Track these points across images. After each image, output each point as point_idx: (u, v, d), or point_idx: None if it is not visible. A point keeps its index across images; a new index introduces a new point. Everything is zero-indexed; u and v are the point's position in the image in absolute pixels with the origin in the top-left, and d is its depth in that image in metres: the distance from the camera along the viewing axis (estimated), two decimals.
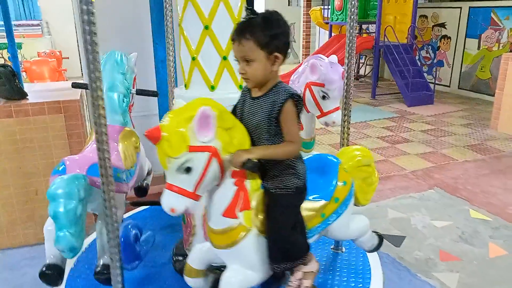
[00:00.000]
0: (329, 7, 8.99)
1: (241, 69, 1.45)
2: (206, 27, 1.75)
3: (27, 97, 2.68)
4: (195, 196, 1.35)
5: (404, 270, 2.58)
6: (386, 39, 7.55)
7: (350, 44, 1.95)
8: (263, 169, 1.50)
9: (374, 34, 8.80)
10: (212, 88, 1.85)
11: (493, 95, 7.28)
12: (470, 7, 7.70)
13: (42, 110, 2.60)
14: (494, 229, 3.12)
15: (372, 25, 9.02)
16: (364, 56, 9.58)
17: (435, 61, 8.45)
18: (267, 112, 1.44)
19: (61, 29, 9.74)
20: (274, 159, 1.48)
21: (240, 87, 1.90)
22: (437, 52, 8.52)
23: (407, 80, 7.02)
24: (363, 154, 1.87)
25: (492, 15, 7.31)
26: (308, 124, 2.35)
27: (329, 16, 9.12)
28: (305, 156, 1.75)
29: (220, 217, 1.46)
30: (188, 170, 1.30)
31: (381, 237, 2.04)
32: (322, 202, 1.66)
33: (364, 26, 9.34)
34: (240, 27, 1.43)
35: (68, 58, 8.16)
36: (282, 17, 1.47)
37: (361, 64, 9.72)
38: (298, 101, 1.44)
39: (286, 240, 1.50)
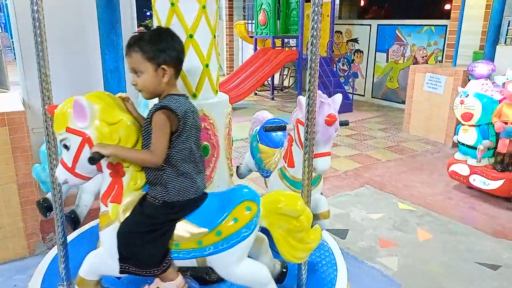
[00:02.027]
0: (253, 21, 9.38)
1: (133, 80, 1.54)
2: (191, 36, 1.82)
3: None
4: (74, 172, 1.52)
5: (352, 258, 2.86)
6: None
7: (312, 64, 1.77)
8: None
9: (295, 47, 9.39)
10: (194, 96, 1.91)
11: (401, 103, 8.22)
12: (378, 25, 8.60)
13: None
14: (419, 217, 3.57)
15: (293, 39, 9.60)
16: (287, 69, 10.11)
17: (350, 72, 9.23)
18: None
19: None
20: (149, 167, 1.53)
21: (216, 92, 2.00)
22: (351, 64, 9.33)
23: (329, 89, 7.60)
24: (287, 203, 1.55)
25: (397, 32, 8.25)
26: (301, 161, 1.96)
27: (253, 30, 9.51)
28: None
29: (100, 199, 1.63)
30: (66, 147, 1.50)
31: None
32: (202, 229, 1.52)
33: (285, 40, 9.88)
34: (130, 41, 1.53)
35: None
36: (174, 33, 1.59)
37: (284, 76, 10.24)
38: (169, 113, 1.45)
39: (130, 243, 1.51)
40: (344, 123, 2.20)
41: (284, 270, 1.78)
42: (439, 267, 2.81)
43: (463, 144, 3.95)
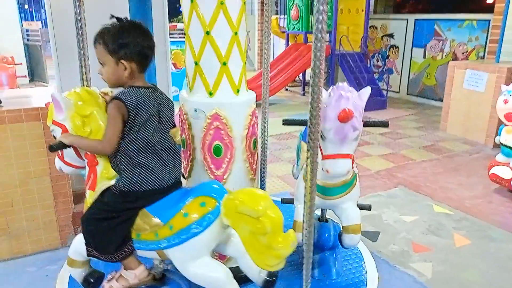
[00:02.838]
0: (285, 16, 9.27)
1: (99, 70, 1.63)
2: (207, 33, 1.79)
3: (1, 104, 2.56)
4: (64, 161, 1.77)
5: (384, 262, 2.75)
6: (341, 48, 7.92)
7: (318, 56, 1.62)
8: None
9: (327, 43, 9.18)
10: (210, 94, 1.89)
11: (439, 100, 7.89)
12: (415, 20, 8.28)
13: (19, 118, 2.49)
14: (456, 221, 3.40)
15: (325, 34, 9.38)
16: None
17: (385, 68, 8.96)
18: None
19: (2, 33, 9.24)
20: (112, 157, 1.62)
21: (238, 91, 1.95)
22: (386, 60, 9.05)
23: (362, 86, 7.36)
24: (246, 201, 1.42)
25: (435, 27, 7.91)
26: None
27: (285, 25, 9.40)
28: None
29: None
30: (54, 138, 1.71)
31: None
32: (158, 221, 1.52)
33: None
34: (97, 32, 1.59)
35: (21, 64, 7.75)
36: (142, 29, 1.60)
37: None
38: (120, 103, 1.50)
39: (88, 228, 1.59)
40: (382, 124, 2.06)
41: (269, 278, 1.57)
42: (477, 276, 2.66)
43: (506, 145, 3.72)
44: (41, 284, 2.46)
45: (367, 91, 1.68)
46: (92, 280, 1.76)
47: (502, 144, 3.78)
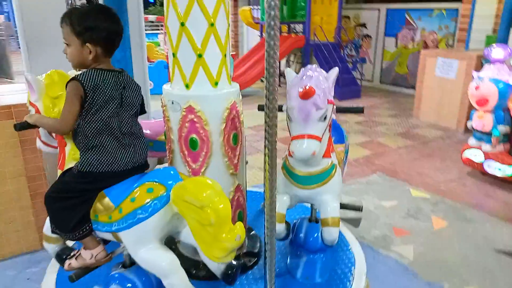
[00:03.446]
0: (259, 7, 9.23)
1: (64, 50, 1.62)
2: (182, 24, 1.75)
3: None
4: (41, 140, 1.88)
5: (367, 247, 2.81)
6: (316, 38, 7.96)
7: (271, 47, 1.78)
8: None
9: (301, 33, 9.24)
10: (187, 86, 1.86)
11: (411, 88, 8.09)
12: (387, 9, 8.42)
13: None
14: (434, 204, 3.51)
15: (299, 24, 9.45)
16: (293, 55, 9.97)
17: (358, 58, 9.08)
18: None
19: None
20: (76, 138, 1.64)
21: (216, 84, 1.92)
22: (359, 50, 9.17)
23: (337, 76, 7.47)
24: (191, 190, 1.39)
25: (406, 16, 8.07)
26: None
27: (258, 16, 9.36)
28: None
29: None
30: None
31: None
32: (110, 204, 1.52)
33: (291, 26, 9.72)
34: (65, 12, 1.60)
35: None
36: (110, 13, 1.61)
37: (290, 62, 10.10)
38: (77, 84, 1.51)
39: (48, 206, 1.60)
40: (357, 110, 2.08)
41: (230, 271, 1.52)
42: (456, 256, 2.76)
43: (477, 130, 3.86)
44: (22, 287, 2.39)
45: (333, 71, 1.65)
46: (64, 256, 1.76)
47: (473, 128, 3.91)
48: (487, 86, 3.66)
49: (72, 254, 1.71)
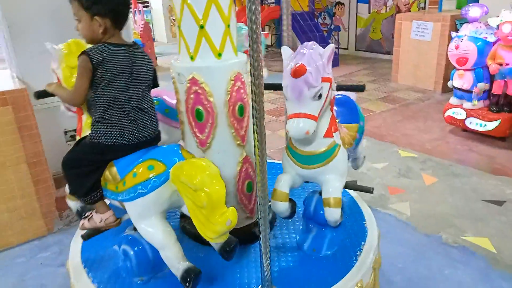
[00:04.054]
0: None
1: (75, 26, 1.62)
2: None
3: None
4: (64, 105, 1.96)
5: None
6: (290, 8, 7.91)
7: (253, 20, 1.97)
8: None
9: (273, 4, 9.16)
10: (192, 58, 1.86)
11: (386, 53, 8.24)
12: None
13: None
14: (422, 163, 3.68)
15: None
16: (267, 27, 9.90)
17: (332, 26, 9.11)
18: None
19: None
20: (90, 109, 1.70)
21: (220, 55, 1.93)
22: (333, 18, 9.19)
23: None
24: (187, 172, 1.42)
25: None
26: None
27: None
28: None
29: None
30: None
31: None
32: (117, 176, 1.57)
33: None
34: None
35: None
36: None
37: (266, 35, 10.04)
38: (86, 58, 1.53)
39: (63, 169, 1.67)
40: (357, 88, 1.99)
41: (227, 248, 1.55)
42: (449, 208, 2.94)
43: (458, 88, 4.02)
44: (37, 273, 2.41)
45: (328, 48, 1.56)
46: (83, 214, 1.84)
47: (454, 87, 4.08)
48: (466, 45, 3.79)
49: (86, 214, 1.78)
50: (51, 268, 2.44)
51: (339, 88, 1.95)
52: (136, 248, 1.63)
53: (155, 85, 1.79)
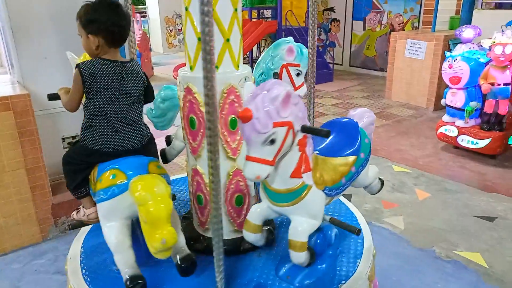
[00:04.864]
0: None
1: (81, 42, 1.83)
2: (186, 8, 1.78)
3: None
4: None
5: None
6: (287, 23, 8.06)
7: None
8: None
9: (270, 19, 9.31)
10: (191, 68, 1.91)
11: (379, 70, 8.39)
12: None
13: None
14: (415, 178, 3.75)
15: (267, 10, 9.51)
16: (263, 40, 10.03)
17: (328, 42, 9.27)
18: None
19: None
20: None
21: (217, 67, 1.97)
22: (329, 34, 9.36)
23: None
24: (132, 187, 1.49)
25: None
26: None
27: None
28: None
29: None
30: None
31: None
32: (95, 178, 1.69)
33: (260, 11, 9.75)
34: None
35: None
36: (114, 7, 1.77)
37: (262, 48, 10.17)
38: (78, 71, 1.71)
39: (62, 164, 1.82)
40: (322, 134, 1.51)
41: (183, 264, 1.56)
42: (442, 223, 2.99)
43: (451, 106, 4.12)
44: (32, 279, 2.39)
45: (283, 92, 1.38)
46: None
47: (447, 105, 4.17)
48: (460, 65, 3.90)
49: (78, 207, 1.93)
50: (46, 275, 2.43)
51: (304, 129, 1.55)
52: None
53: (148, 100, 1.91)
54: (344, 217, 2.22)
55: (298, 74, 2.33)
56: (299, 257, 1.56)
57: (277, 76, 2.16)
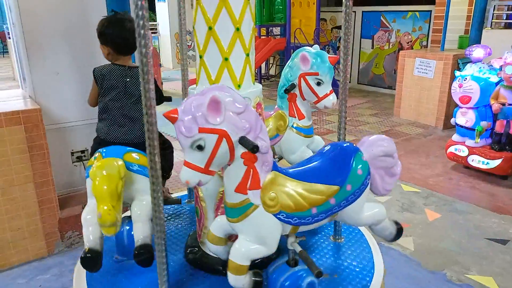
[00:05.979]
0: None
1: None
2: (210, 28, 1.80)
3: None
4: None
5: None
6: (296, 41, 8.12)
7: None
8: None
9: (278, 36, 9.39)
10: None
11: (388, 88, 8.39)
12: (363, 11, 8.69)
13: None
14: (425, 198, 3.69)
15: (276, 28, 9.60)
16: (272, 57, 10.11)
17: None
18: None
19: None
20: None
21: (239, 86, 1.97)
22: (337, 51, 9.40)
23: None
24: (94, 166, 1.64)
25: (381, 18, 8.36)
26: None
27: None
28: None
29: None
30: None
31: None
32: None
33: (269, 29, 9.86)
34: None
35: None
36: (122, 22, 2.07)
37: (270, 65, 10.24)
38: (93, 72, 2.11)
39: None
40: (250, 147, 1.38)
41: (136, 252, 1.59)
42: (452, 245, 2.93)
43: (461, 126, 4.08)
44: None
45: (206, 98, 1.30)
46: None
47: (457, 124, 4.14)
48: (470, 84, 3.88)
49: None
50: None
51: (240, 141, 1.40)
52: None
53: (160, 100, 2.15)
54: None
55: (318, 83, 2.13)
56: (236, 280, 1.44)
57: (295, 86, 2.07)
